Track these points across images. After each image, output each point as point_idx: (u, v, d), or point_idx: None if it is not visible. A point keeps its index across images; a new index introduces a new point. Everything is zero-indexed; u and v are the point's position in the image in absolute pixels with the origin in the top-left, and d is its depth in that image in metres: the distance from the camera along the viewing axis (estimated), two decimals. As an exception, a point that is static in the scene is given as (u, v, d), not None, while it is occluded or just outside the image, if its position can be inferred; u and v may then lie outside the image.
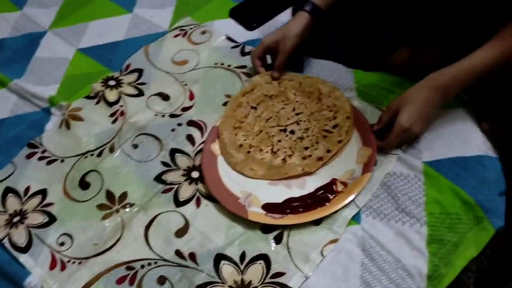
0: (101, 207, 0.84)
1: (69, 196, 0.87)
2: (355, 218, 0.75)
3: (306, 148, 0.85)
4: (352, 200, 0.76)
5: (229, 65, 1.04)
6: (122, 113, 0.98)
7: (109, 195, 0.86)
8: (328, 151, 0.83)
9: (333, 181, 0.80)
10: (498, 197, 0.75)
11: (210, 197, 0.83)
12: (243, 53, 1.05)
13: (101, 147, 0.93)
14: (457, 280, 0.71)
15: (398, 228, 0.73)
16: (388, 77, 0.92)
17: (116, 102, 1.00)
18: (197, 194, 0.84)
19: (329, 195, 0.78)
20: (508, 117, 0.78)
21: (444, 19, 0.84)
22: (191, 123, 0.95)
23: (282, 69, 0.94)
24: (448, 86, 0.76)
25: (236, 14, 1.16)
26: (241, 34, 1.11)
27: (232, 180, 0.84)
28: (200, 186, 0.85)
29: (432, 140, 0.82)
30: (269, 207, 0.79)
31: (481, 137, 0.80)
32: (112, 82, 1.04)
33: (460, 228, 0.73)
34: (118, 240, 0.80)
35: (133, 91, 1.02)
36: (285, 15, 1.13)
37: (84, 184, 0.88)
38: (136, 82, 1.04)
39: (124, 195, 0.85)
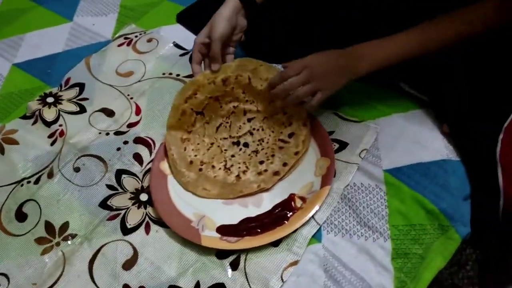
0: (39, 240, 0.76)
1: (5, 230, 0.79)
2: (316, 236, 0.70)
3: (261, 162, 0.79)
4: (312, 217, 0.71)
5: (178, 75, 0.97)
6: (61, 133, 0.90)
7: (48, 226, 0.78)
8: (285, 164, 0.78)
9: (291, 197, 0.75)
10: (463, 203, 0.72)
11: (160, 222, 0.76)
12: (192, 61, 0.98)
13: (38, 172, 0.85)
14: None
15: (361, 244, 0.69)
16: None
17: (55, 121, 0.92)
18: (146, 219, 0.77)
19: (288, 213, 0.73)
20: (469, 117, 0.74)
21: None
22: (138, 140, 0.88)
23: (218, 59, 0.83)
24: (360, 54, 0.73)
25: (184, 18, 1.09)
26: (190, 40, 1.02)
27: (184, 202, 0.78)
28: (149, 210, 0.78)
29: (390, 146, 0.78)
30: (224, 230, 0.73)
31: (442, 140, 0.77)
32: (50, 99, 0.95)
33: (426, 239, 0.69)
34: (59, 278, 0.72)
35: (73, 108, 0.94)
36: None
37: (21, 216, 0.80)
38: (77, 98, 0.96)
39: (65, 226, 0.78)
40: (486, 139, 0.70)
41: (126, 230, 0.76)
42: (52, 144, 0.89)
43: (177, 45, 1.03)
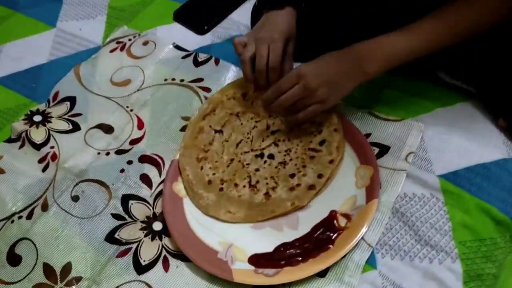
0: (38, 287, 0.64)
1: (-5, 277, 0.67)
2: (369, 262, 0.59)
3: (292, 176, 0.68)
4: (362, 238, 0.60)
5: (181, 80, 0.85)
6: (54, 157, 0.78)
7: (48, 269, 0.66)
8: (320, 176, 0.67)
9: (333, 215, 0.64)
10: (533, 208, 0.62)
11: (181, 255, 0.64)
12: (197, 63, 0.87)
13: (31, 205, 0.72)
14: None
15: (426, 268, 0.58)
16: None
17: (45, 142, 0.80)
18: (164, 253, 0.65)
19: (331, 234, 0.62)
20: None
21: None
22: (144, 158, 0.76)
23: (278, 68, 0.72)
24: (365, 53, 0.64)
25: (182, 16, 0.97)
26: (191, 40, 0.93)
27: (205, 229, 0.66)
28: (166, 241, 0.67)
29: (441, 147, 0.67)
30: (258, 260, 0.62)
31: (499, 136, 0.67)
32: (37, 118, 0.83)
33: (499, 255, 0.59)
34: (65, 333, 0.60)
35: (65, 126, 0.82)
36: (238, 14, 0.96)
37: (14, 259, 0.68)
38: (68, 114, 0.83)
39: (67, 268, 0.66)
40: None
41: (140, 268, 0.64)
42: (44, 170, 0.76)
43: (177, 47, 0.91)
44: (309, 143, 0.71)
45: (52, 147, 0.79)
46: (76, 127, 0.82)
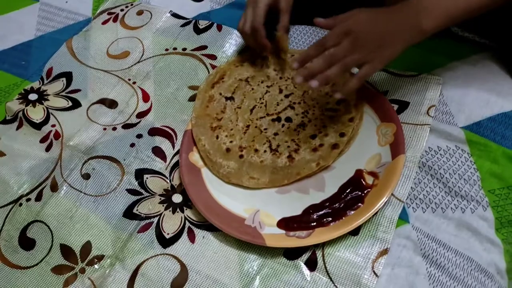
0: (58, 270, 0.61)
1: (9, 263, 0.63)
2: (402, 216, 0.59)
3: (313, 137, 0.67)
4: (392, 194, 0.60)
5: (184, 49, 0.82)
6: (57, 135, 0.74)
7: (66, 250, 0.63)
8: (342, 134, 0.66)
9: (359, 173, 0.63)
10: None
11: (205, 225, 0.62)
12: (198, 31, 0.84)
13: (38, 186, 0.69)
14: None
15: (458, 218, 0.58)
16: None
17: (45, 121, 0.75)
18: (187, 225, 0.63)
19: (360, 193, 0.61)
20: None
21: None
22: (154, 131, 0.73)
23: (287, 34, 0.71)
24: (423, 6, 0.57)
25: (175, -17, 0.92)
26: (188, 7, 0.89)
27: (229, 197, 0.64)
28: (188, 212, 0.64)
29: (461, 99, 0.67)
30: (288, 224, 0.60)
31: (517, 85, 0.67)
32: (33, 96, 0.78)
33: (527, 201, 0.59)
34: (94, 313, 0.58)
35: (64, 103, 0.77)
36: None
37: (27, 243, 0.64)
38: (66, 91, 0.79)
39: (86, 247, 0.63)
40: None
41: (165, 242, 0.62)
42: (48, 149, 0.72)
43: (175, 15, 0.87)
44: (325, 104, 0.70)
45: (53, 126, 0.75)
46: (76, 104, 0.77)
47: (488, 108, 0.65)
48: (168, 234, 0.63)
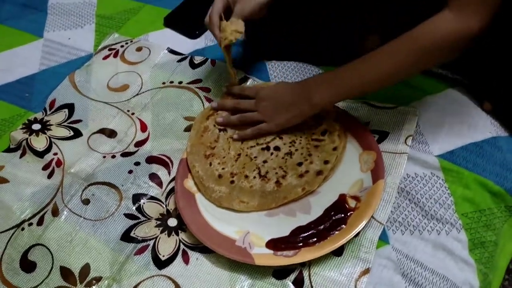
0: (58, 291, 0.64)
1: (10, 285, 0.66)
2: (382, 238, 0.63)
3: (300, 164, 0.72)
4: (372, 216, 0.64)
5: (180, 82, 0.87)
6: (58, 163, 0.78)
7: (65, 272, 0.66)
8: (326, 162, 0.71)
9: (343, 198, 0.67)
10: (523, 179, 0.68)
11: (199, 247, 0.66)
12: (193, 65, 0.90)
13: (40, 211, 0.72)
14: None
15: (434, 240, 0.62)
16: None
17: (47, 150, 0.80)
18: (182, 247, 0.67)
19: (344, 215, 0.65)
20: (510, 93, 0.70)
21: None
22: (151, 159, 0.77)
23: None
24: (317, 82, 0.71)
25: (172, 22, 0.99)
26: (184, 44, 0.95)
27: (221, 220, 0.68)
28: (182, 235, 0.68)
29: (435, 130, 0.72)
30: (276, 244, 0.64)
31: (487, 118, 0.73)
32: (36, 126, 0.83)
33: (497, 224, 0.64)
34: (92, 332, 0.61)
35: (66, 132, 0.82)
36: (228, 17, 0.99)
37: (28, 265, 0.67)
38: (68, 121, 0.84)
39: (85, 269, 0.66)
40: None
41: (160, 263, 0.66)
42: (50, 176, 0.76)
43: (171, 51, 0.93)
44: (311, 134, 0.75)
45: (55, 154, 0.79)
46: (77, 133, 0.82)
47: (461, 138, 0.70)
48: (163, 256, 0.66)
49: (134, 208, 0.72)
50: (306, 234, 0.64)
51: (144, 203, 0.72)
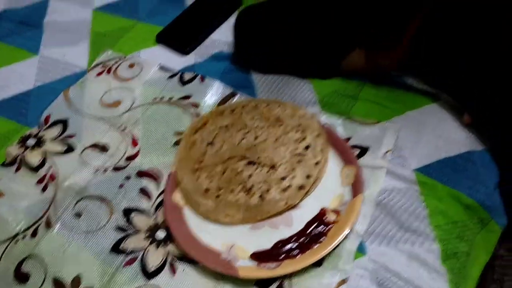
0: (50, 301, 0.67)
1: (4, 295, 0.69)
2: (360, 249, 0.66)
3: (283, 178, 0.75)
4: (351, 229, 0.67)
5: (170, 98, 0.90)
6: (52, 177, 0.81)
7: (58, 283, 0.69)
8: (308, 176, 0.74)
9: (323, 211, 0.70)
10: (495, 192, 0.71)
11: (186, 259, 0.69)
12: (183, 82, 0.93)
13: (33, 224, 0.75)
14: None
15: (409, 250, 0.65)
16: (349, 83, 0.86)
17: (42, 164, 0.83)
18: (169, 259, 0.70)
19: (324, 228, 0.68)
20: (492, 105, 0.73)
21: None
22: (141, 173, 0.80)
23: None
24: None
25: (164, 39, 1.03)
26: (176, 61, 0.98)
27: (207, 233, 0.71)
28: (170, 247, 0.71)
29: (414, 144, 0.76)
30: (259, 257, 0.67)
31: (463, 132, 0.76)
32: (31, 141, 0.86)
33: (469, 235, 0.67)
34: None
35: (60, 147, 0.85)
36: (218, 33, 1.03)
37: (21, 276, 0.70)
38: (62, 136, 0.87)
39: (77, 280, 0.69)
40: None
41: (148, 274, 0.68)
42: (44, 190, 0.79)
43: (163, 68, 0.96)
44: (295, 149, 0.78)
45: (49, 168, 0.82)
46: (70, 148, 0.85)
47: (437, 153, 0.74)
48: (152, 267, 0.69)
49: (124, 220, 0.74)
50: (288, 247, 0.67)
51: (133, 216, 0.75)
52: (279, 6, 0.90)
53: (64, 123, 0.89)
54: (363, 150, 0.77)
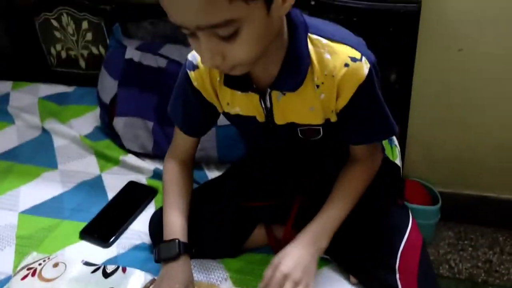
0: None
1: None
2: None
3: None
4: None
5: (96, 293, 0.96)
6: None
7: None
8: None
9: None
10: None
11: None
12: (106, 275, 0.99)
13: None
14: None
15: None
16: (256, 256, 0.98)
17: None
18: None
19: None
20: (369, 263, 0.87)
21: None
22: None
23: None
24: (319, 235, 0.84)
25: (87, 234, 1.11)
26: (98, 254, 1.06)
27: None
28: None
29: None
30: None
31: (354, 291, 0.88)
32: None
33: None
34: None
35: None
36: (138, 223, 1.13)
37: None
38: None
39: None
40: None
41: None
42: None
43: (86, 263, 1.03)
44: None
45: None
46: None
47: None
48: None
49: None
50: None
51: None
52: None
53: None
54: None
